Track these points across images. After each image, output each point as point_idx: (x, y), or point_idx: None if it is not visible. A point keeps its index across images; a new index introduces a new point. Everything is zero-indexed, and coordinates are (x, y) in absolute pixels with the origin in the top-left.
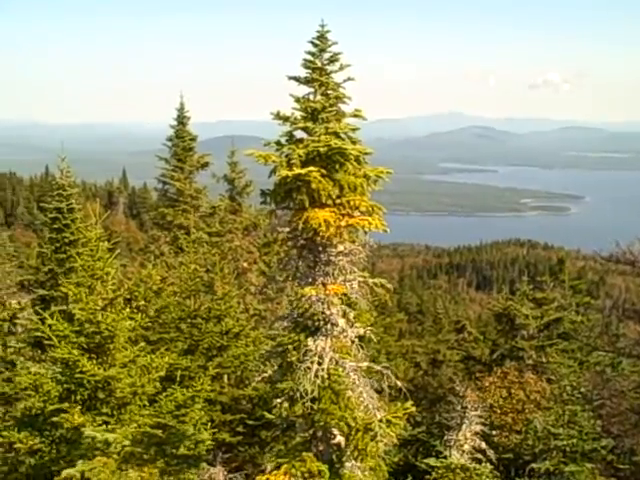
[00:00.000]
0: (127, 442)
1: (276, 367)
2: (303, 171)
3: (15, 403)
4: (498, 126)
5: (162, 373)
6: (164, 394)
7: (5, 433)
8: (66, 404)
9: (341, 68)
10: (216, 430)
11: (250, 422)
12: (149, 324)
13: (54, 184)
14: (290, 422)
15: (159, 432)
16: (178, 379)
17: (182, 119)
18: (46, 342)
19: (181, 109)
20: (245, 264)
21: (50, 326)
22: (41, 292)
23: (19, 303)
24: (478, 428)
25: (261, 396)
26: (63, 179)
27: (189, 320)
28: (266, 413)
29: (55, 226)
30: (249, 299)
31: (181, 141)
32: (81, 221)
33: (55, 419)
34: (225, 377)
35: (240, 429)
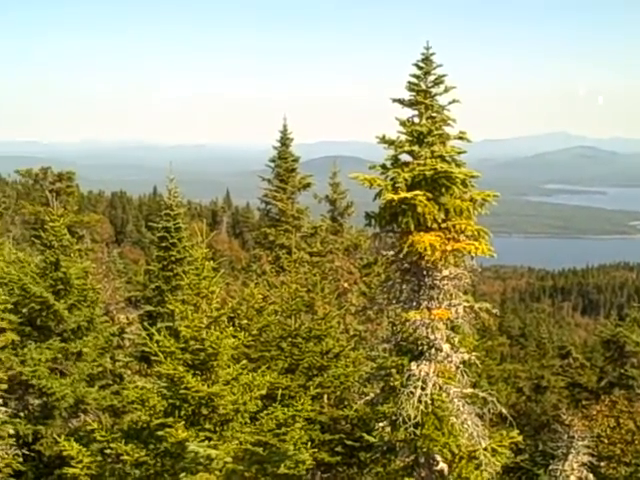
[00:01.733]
0: (229, 459)
1: (378, 390)
2: (409, 195)
3: (122, 416)
4: (605, 146)
5: (263, 391)
6: (265, 412)
7: (113, 445)
8: (171, 419)
9: (446, 90)
10: (315, 450)
11: (349, 443)
12: (251, 342)
13: (162, 204)
14: (391, 445)
15: (260, 450)
16: (279, 397)
17: (285, 141)
18: (153, 357)
19: (284, 131)
20: (345, 284)
21: (157, 342)
22: (148, 308)
23: (127, 318)
24: (585, 459)
25: (360, 417)
26: (171, 199)
27: (290, 339)
28: (365, 435)
29: (163, 244)
30: (349, 319)
31: (284, 162)
32: (187, 240)
33: (160, 433)
34: (325, 397)
35: (339, 449)
